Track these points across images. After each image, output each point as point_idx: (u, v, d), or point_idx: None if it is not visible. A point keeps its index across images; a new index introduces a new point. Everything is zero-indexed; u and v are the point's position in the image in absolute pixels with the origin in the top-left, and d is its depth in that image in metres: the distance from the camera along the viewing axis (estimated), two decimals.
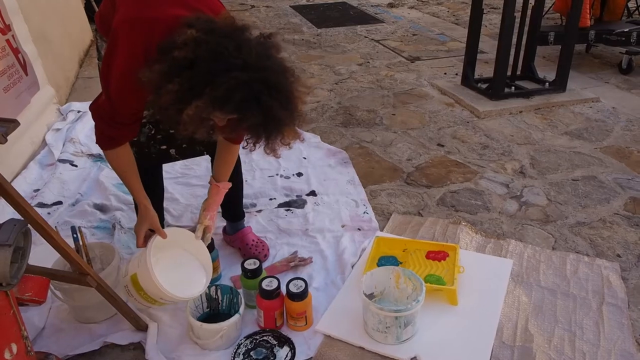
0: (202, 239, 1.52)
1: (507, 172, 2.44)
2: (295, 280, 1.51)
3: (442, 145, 2.72)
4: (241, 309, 1.47)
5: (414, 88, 3.55)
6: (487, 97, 3.21)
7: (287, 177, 2.38)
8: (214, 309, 1.57)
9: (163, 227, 1.47)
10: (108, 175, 2.34)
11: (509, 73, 3.27)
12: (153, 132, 1.57)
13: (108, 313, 1.55)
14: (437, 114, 3.11)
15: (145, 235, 1.43)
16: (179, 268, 1.45)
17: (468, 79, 3.40)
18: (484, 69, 3.70)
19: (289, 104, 1.14)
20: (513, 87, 3.31)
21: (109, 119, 1.30)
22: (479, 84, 3.36)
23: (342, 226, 2.01)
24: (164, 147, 1.61)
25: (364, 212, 2.09)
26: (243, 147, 1.22)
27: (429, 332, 1.49)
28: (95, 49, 1.65)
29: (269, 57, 1.13)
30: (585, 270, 1.75)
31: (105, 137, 1.35)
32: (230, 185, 1.58)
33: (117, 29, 1.21)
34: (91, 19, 4.55)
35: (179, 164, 2.40)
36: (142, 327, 1.49)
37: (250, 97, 1.07)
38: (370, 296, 1.53)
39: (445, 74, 3.81)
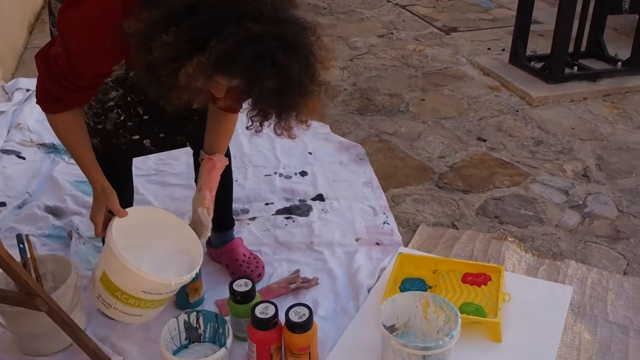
0: (206, 226, 1.52)
1: (566, 175, 2.43)
2: (297, 307, 1.51)
3: (484, 140, 2.72)
4: (228, 342, 1.47)
5: (448, 67, 3.54)
6: (543, 80, 3.20)
7: (288, 177, 2.39)
8: (195, 341, 1.57)
9: None
10: (64, 171, 2.36)
11: (570, 49, 3.26)
12: (122, 118, 1.56)
13: (62, 343, 1.56)
14: (478, 100, 3.10)
15: (104, 220, 1.41)
16: (158, 254, 1.46)
17: (518, 56, 3.39)
18: (539, 44, 3.69)
19: (310, 67, 1.12)
20: (576, 67, 3.29)
21: (61, 76, 1.27)
22: (532, 63, 3.35)
23: (357, 239, 2.01)
24: (136, 137, 1.61)
25: (384, 223, 2.09)
26: (247, 128, 1.17)
27: None
28: (47, 12, 1.64)
29: (286, 10, 1.11)
30: None
31: (51, 97, 1.32)
32: (227, 162, 1.57)
33: None
34: None
35: (152, 158, 2.42)
36: None
37: (264, 55, 1.05)
38: (391, 329, 1.53)
39: (489, 49, 3.80)
